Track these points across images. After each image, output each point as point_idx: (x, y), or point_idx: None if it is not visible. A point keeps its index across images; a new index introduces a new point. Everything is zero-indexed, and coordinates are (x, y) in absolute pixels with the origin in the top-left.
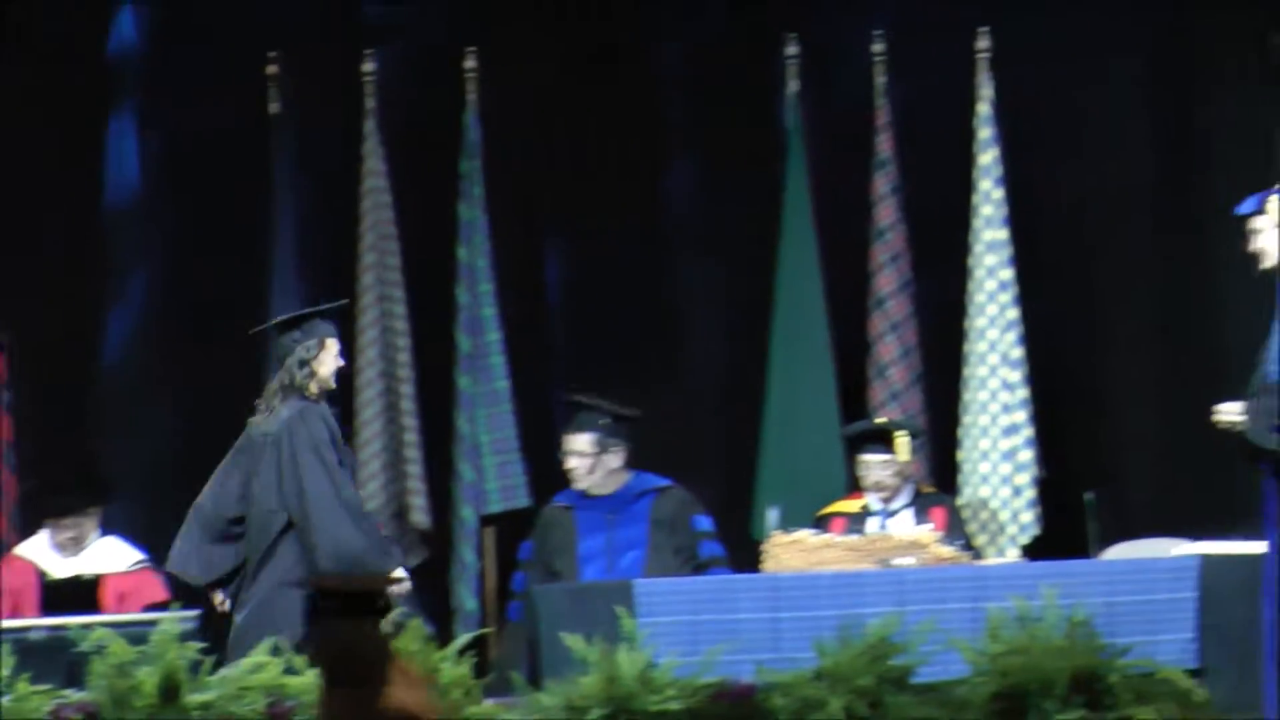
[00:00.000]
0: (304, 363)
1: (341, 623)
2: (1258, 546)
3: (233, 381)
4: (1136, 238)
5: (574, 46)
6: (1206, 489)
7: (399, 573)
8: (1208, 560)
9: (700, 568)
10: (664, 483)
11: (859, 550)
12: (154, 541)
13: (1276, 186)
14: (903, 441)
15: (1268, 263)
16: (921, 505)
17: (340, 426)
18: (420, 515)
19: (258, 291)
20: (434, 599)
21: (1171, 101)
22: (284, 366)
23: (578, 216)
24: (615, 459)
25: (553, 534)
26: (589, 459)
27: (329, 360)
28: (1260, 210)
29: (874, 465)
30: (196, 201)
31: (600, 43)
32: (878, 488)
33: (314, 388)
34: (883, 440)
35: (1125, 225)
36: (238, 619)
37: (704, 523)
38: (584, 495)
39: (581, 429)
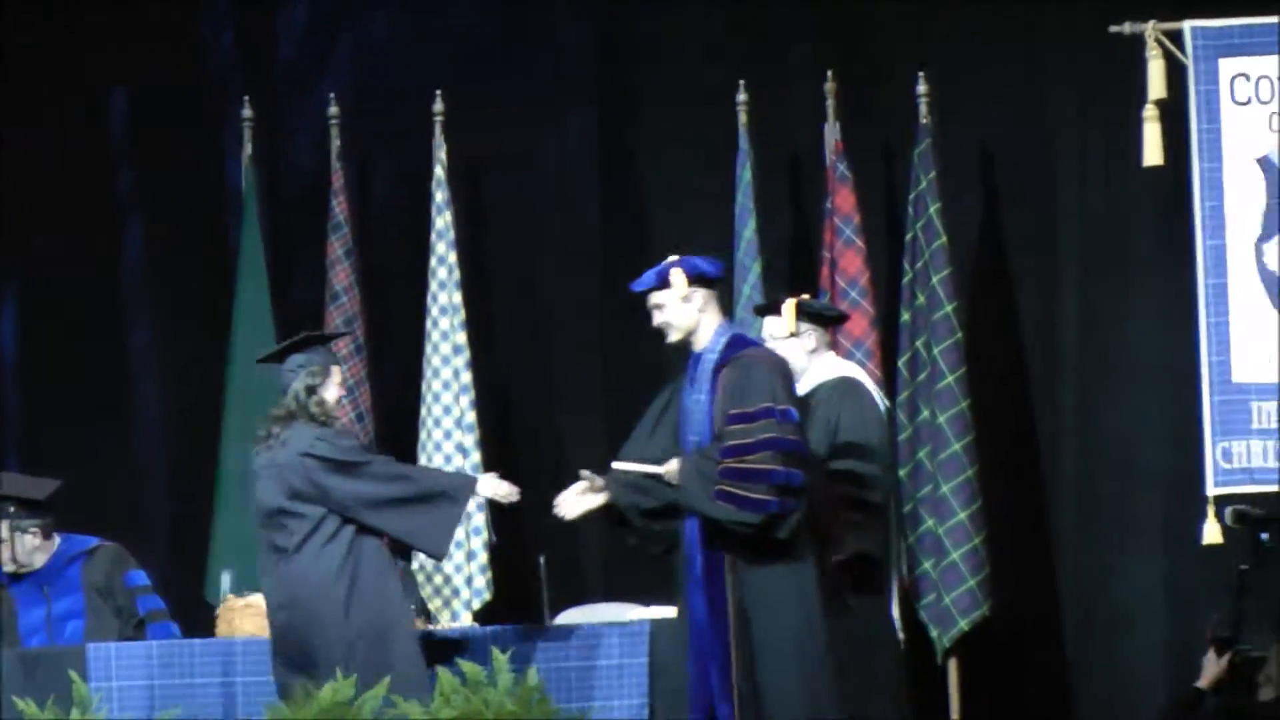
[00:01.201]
0: (311, 389)
1: None
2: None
3: None
4: (585, 297)
5: (26, 99)
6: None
7: (488, 488)
8: (658, 625)
9: (141, 624)
10: (91, 543)
11: None
12: None
13: (672, 258)
14: None
15: (675, 336)
16: None
17: None
18: None
19: None
20: None
21: (618, 158)
22: (289, 394)
23: (32, 276)
24: (34, 538)
25: None
26: (4, 544)
27: (333, 388)
28: (662, 284)
29: None
30: None
31: (50, 97)
32: None
33: (321, 415)
34: None
35: (574, 284)
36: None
37: (138, 578)
38: (14, 574)
39: None
